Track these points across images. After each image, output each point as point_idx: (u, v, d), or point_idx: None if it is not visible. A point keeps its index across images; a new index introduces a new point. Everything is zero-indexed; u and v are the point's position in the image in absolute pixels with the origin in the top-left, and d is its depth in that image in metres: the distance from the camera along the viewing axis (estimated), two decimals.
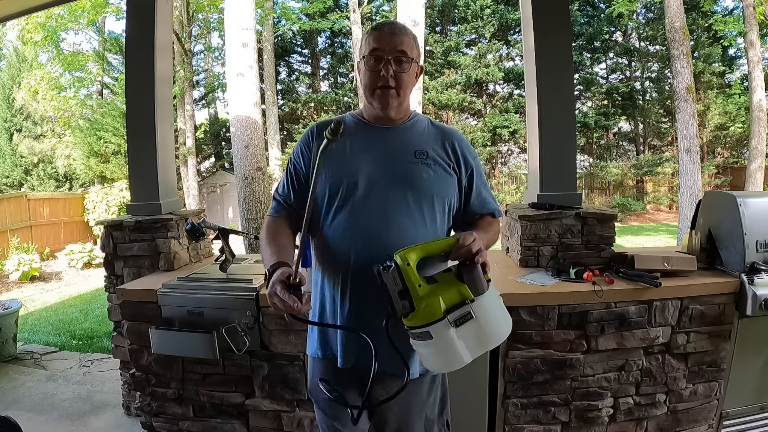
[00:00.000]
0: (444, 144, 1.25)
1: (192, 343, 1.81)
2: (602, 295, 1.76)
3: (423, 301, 0.96)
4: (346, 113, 1.31)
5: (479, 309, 0.99)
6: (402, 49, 1.16)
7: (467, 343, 0.98)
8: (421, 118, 1.29)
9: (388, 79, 1.16)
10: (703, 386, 1.90)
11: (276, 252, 1.13)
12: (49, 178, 12.66)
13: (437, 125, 1.30)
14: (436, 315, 0.96)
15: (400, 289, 0.96)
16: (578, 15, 14.07)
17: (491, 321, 1.02)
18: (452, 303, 0.97)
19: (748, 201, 1.88)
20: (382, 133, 1.22)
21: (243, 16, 5.38)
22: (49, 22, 10.00)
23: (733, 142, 13.46)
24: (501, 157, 15.25)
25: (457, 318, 0.96)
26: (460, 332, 0.97)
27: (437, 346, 0.97)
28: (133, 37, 2.45)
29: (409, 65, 1.18)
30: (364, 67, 1.19)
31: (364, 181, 1.16)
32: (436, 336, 0.96)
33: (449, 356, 0.98)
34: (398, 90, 1.18)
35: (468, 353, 0.99)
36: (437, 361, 1.01)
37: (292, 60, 17.31)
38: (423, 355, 1.02)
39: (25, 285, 7.07)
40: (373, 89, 1.18)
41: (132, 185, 2.51)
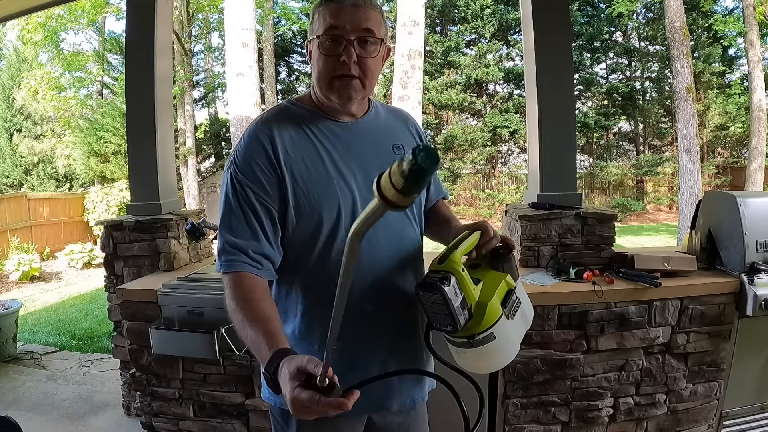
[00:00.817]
0: (408, 129, 1.09)
1: (192, 343, 1.81)
2: (602, 295, 1.76)
3: (481, 305, 0.88)
4: (283, 102, 1.04)
5: (520, 295, 0.97)
6: (368, 26, 0.90)
7: (518, 327, 0.96)
8: (376, 104, 1.07)
9: (351, 66, 0.90)
10: (703, 386, 1.90)
11: (267, 332, 0.78)
12: (49, 178, 12.65)
13: (390, 107, 1.12)
14: (497, 313, 0.89)
15: (461, 300, 0.86)
16: (578, 15, 14.06)
17: (525, 298, 1.01)
18: (503, 296, 0.92)
19: (748, 201, 1.88)
20: (352, 130, 0.99)
21: (243, 16, 5.38)
22: (49, 22, 10.00)
23: (733, 142, 13.45)
24: (501, 157, 15.24)
25: (510, 308, 0.91)
26: (512, 322, 0.92)
27: (498, 344, 0.90)
28: (133, 37, 2.45)
29: (377, 48, 0.92)
30: (318, 51, 0.91)
31: (361, 202, 0.93)
32: (499, 334, 0.89)
33: (508, 349, 0.94)
34: (364, 80, 0.93)
35: (520, 337, 0.97)
36: (496, 360, 0.95)
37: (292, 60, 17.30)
38: (473, 360, 0.92)
39: (25, 285, 7.06)
40: (330, 79, 0.92)
41: (132, 185, 2.51)
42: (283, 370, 0.70)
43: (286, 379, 0.69)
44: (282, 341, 0.78)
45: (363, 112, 1.02)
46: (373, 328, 0.97)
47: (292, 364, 0.69)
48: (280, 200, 0.91)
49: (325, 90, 0.94)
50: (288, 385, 0.68)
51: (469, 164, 14.12)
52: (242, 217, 0.89)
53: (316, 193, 0.91)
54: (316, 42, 0.91)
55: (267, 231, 0.90)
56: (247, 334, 0.81)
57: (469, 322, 0.87)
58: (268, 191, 0.90)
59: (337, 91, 0.93)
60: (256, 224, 0.89)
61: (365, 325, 0.95)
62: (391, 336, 0.99)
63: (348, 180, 0.94)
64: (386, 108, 1.10)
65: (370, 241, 0.91)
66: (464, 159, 13.93)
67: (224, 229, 0.90)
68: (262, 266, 0.90)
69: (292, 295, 0.97)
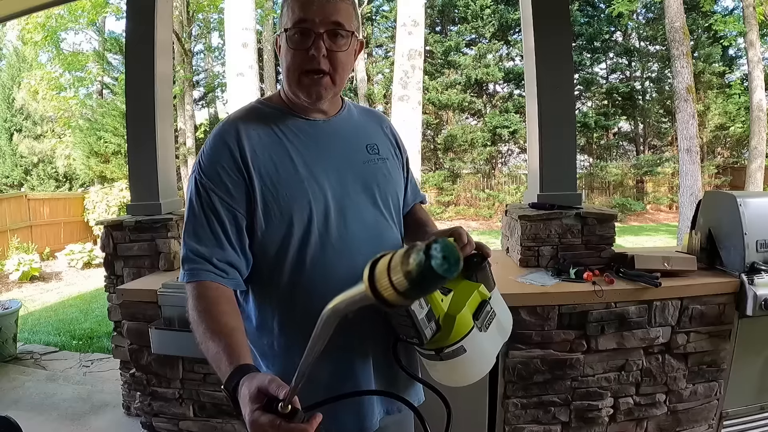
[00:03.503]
0: (380, 126, 1.05)
1: (192, 343, 1.79)
2: (602, 295, 1.76)
3: (451, 315, 0.83)
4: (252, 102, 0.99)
5: (495, 305, 0.92)
6: (337, 19, 0.85)
7: (493, 339, 0.91)
8: (348, 103, 1.03)
9: (320, 61, 0.85)
10: (703, 386, 1.90)
11: (227, 346, 0.75)
12: (49, 178, 12.65)
13: (363, 108, 1.08)
14: (468, 325, 0.83)
15: (427, 312, 0.80)
16: (578, 15, 14.05)
17: (503, 308, 0.96)
18: (475, 307, 0.86)
19: (748, 201, 1.88)
20: (323, 129, 0.94)
21: (243, 16, 5.38)
22: (49, 22, 9.99)
23: (733, 142, 13.45)
24: (501, 157, 15.24)
25: (483, 321, 0.87)
26: (486, 335, 0.88)
27: (470, 357, 0.86)
28: (133, 37, 2.45)
29: (348, 41, 0.88)
30: (286, 45, 0.87)
31: (333, 205, 0.89)
32: (470, 346, 0.84)
33: (482, 362, 0.90)
34: (333, 76, 0.88)
35: (495, 350, 0.93)
36: (469, 373, 0.90)
37: None
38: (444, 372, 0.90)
39: (25, 285, 7.06)
40: (298, 75, 0.87)
41: (132, 185, 2.51)
42: (242, 390, 0.67)
43: (246, 400, 0.65)
44: (244, 356, 0.74)
45: (336, 111, 0.98)
46: (360, 335, 0.91)
47: (252, 383, 0.66)
48: (246, 204, 0.86)
49: (294, 86, 0.89)
50: (248, 406, 0.64)
51: (469, 164, 14.12)
52: (206, 224, 0.85)
53: (285, 194, 0.86)
54: (285, 36, 0.87)
55: (232, 238, 0.86)
56: (208, 347, 0.77)
57: (437, 335, 0.82)
58: (233, 195, 0.85)
59: (306, 89, 0.88)
60: (220, 231, 0.85)
61: (350, 332, 0.87)
62: (379, 342, 0.94)
63: (320, 180, 0.89)
64: (360, 108, 1.06)
65: (348, 244, 0.89)
66: (464, 159, 13.94)
67: (188, 236, 0.86)
68: (227, 275, 0.85)
69: (267, 309, 0.91)
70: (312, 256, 0.87)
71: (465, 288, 0.87)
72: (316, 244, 0.87)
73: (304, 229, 0.87)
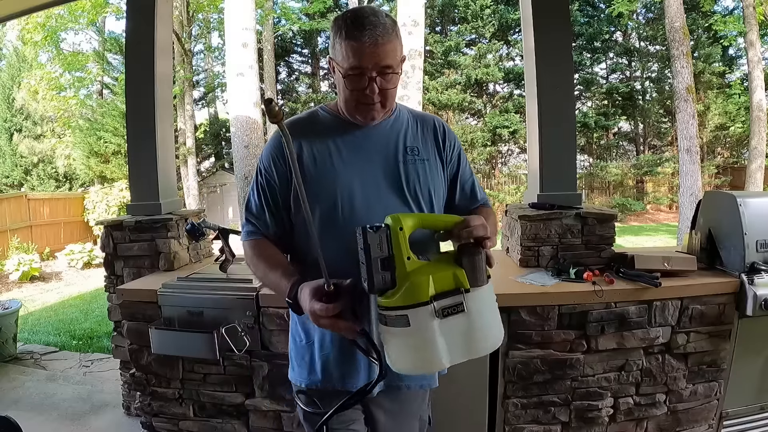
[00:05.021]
0: (427, 131, 1.14)
1: (192, 343, 1.81)
2: (602, 295, 1.76)
3: (409, 277, 0.78)
4: (316, 107, 1.16)
5: (473, 303, 0.82)
6: (387, 63, 0.97)
7: (450, 342, 0.81)
8: (402, 109, 1.16)
9: (374, 98, 1.00)
10: (703, 386, 1.90)
11: (284, 272, 1.00)
12: (49, 178, 12.65)
13: (417, 114, 1.19)
14: (421, 297, 0.78)
15: (384, 257, 0.79)
16: (578, 15, 14.06)
17: (484, 322, 0.85)
18: (443, 288, 0.80)
19: (748, 201, 1.88)
20: (366, 132, 1.08)
21: (243, 16, 5.38)
22: (49, 22, 10.00)
23: (733, 142, 13.46)
24: (501, 157, 15.25)
25: (445, 307, 0.79)
26: (444, 326, 0.79)
27: (413, 338, 0.79)
28: (133, 37, 2.45)
29: (397, 76, 1.02)
30: (344, 85, 1.01)
31: (359, 195, 1.03)
32: (416, 324, 0.78)
33: (425, 354, 0.81)
34: (385, 103, 1.03)
35: (448, 355, 0.81)
36: (408, 358, 0.83)
37: (292, 60, 17.31)
38: (391, 348, 0.84)
39: (25, 285, 7.07)
40: (355, 104, 1.03)
41: (132, 185, 2.51)
42: (301, 294, 0.92)
43: (304, 298, 0.90)
44: (295, 275, 0.98)
45: (383, 118, 1.10)
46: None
47: (305, 287, 0.91)
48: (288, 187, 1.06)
49: (352, 111, 1.05)
50: (305, 302, 0.89)
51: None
52: (258, 197, 1.09)
53: (317, 179, 1.03)
54: (340, 73, 1.00)
55: (273, 209, 1.08)
56: (269, 278, 1.03)
57: (389, 292, 0.80)
58: (279, 179, 1.06)
59: (361, 114, 1.05)
60: (265, 204, 1.08)
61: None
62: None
63: (350, 174, 1.04)
64: (414, 114, 1.17)
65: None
66: None
67: (245, 206, 1.12)
68: (270, 233, 1.09)
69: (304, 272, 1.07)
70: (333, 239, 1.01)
71: (444, 265, 0.83)
72: (337, 228, 1.03)
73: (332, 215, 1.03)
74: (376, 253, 0.79)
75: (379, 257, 0.79)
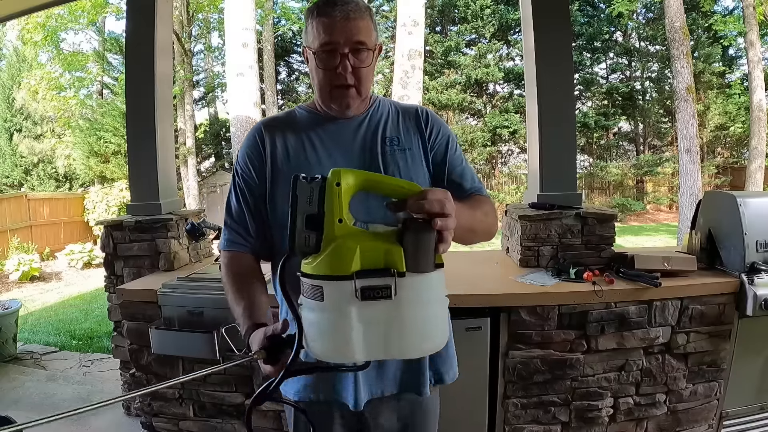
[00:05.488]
0: (409, 119, 1.08)
1: (192, 343, 1.82)
2: (602, 295, 1.76)
3: (334, 242, 0.67)
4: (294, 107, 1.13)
5: (406, 291, 0.66)
6: (359, 39, 0.94)
7: (369, 332, 0.67)
8: (383, 101, 1.11)
9: (347, 77, 0.96)
10: (703, 386, 1.90)
11: (245, 309, 0.93)
12: (49, 178, 12.65)
13: (400, 104, 1.13)
14: (341, 268, 0.65)
15: (311, 213, 0.68)
16: (578, 15, 14.05)
17: (416, 317, 0.68)
18: (372, 264, 0.66)
19: (748, 201, 1.88)
20: (344, 125, 1.04)
21: (243, 16, 5.39)
22: (49, 22, 10.00)
23: (733, 142, 13.45)
24: (501, 157, 15.24)
25: (368, 287, 0.65)
26: (363, 311, 0.66)
27: (326, 316, 0.67)
28: (133, 37, 2.45)
29: (370, 55, 0.97)
30: (315, 64, 0.97)
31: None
32: (330, 300, 0.66)
33: (336, 339, 0.68)
34: (359, 88, 0.99)
35: (364, 347, 0.67)
36: (319, 339, 0.70)
37: (292, 60, 17.29)
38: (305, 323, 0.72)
39: (25, 285, 7.06)
40: (329, 89, 0.99)
41: (132, 185, 2.51)
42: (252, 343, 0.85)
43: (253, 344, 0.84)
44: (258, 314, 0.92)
45: (361, 111, 1.06)
46: None
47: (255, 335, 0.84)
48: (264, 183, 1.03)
49: (326, 100, 1.02)
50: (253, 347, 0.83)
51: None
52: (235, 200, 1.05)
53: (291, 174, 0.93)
54: (312, 55, 0.97)
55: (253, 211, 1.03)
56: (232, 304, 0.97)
57: (312, 256, 0.69)
58: (255, 177, 1.03)
59: (336, 101, 1.00)
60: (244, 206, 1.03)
61: None
62: None
63: (325, 166, 0.99)
64: (396, 105, 1.12)
65: None
66: None
67: (225, 211, 1.07)
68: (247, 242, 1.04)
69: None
70: None
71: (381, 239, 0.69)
72: None
73: None
74: (304, 207, 0.69)
75: (306, 213, 0.68)
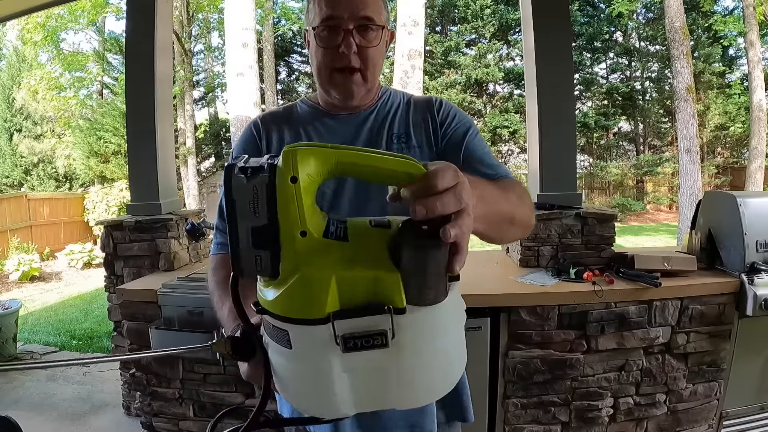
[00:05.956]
0: (420, 111, 0.94)
1: (192, 343, 1.81)
2: (602, 295, 1.76)
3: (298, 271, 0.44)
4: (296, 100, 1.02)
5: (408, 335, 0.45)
6: (366, 14, 0.82)
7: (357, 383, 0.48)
8: (395, 93, 0.99)
9: (350, 58, 0.83)
10: (703, 386, 1.90)
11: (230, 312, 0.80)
12: (49, 178, 12.65)
13: (414, 97, 0.99)
14: (310, 310, 0.44)
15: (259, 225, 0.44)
16: (578, 15, 14.05)
17: (423, 364, 0.48)
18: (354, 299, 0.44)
19: (748, 201, 1.88)
20: (346, 120, 0.93)
21: (243, 16, 5.38)
22: (49, 22, 10.00)
23: (733, 142, 13.46)
24: (501, 157, 15.23)
25: (352, 336, 0.44)
26: (348, 360, 0.46)
27: (296, 366, 0.50)
28: (133, 37, 2.45)
29: (378, 34, 0.85)
30: (315, 42, 0.85)
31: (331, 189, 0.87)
32: (299, 349, 0.47)
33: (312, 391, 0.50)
34: (365, 72, 0.86)
35: (350, 401, 0.49)
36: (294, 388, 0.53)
37: (292, 60, 17.30)
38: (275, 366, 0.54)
39: (25, 285, 7.06)
40: (330, 72, 0.86)
41: (132, 185, 2.51)
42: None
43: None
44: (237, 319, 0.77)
45: (367, 104, 0.94)
46: None
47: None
48: None
49: (326, 84, 0.89)
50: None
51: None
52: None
53: None
54: (313, 33, 0.85)
55: None
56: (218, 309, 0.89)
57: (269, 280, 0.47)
58: None
59: (337, 87, 0.87)
60: None
61: None
62: None
63: None
64: (408, 97, 0.99)
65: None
66: None
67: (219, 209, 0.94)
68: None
69: None
70: None
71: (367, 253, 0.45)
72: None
73: None
74: (247, 216, 0.44)
75: (250, 225, 0.44)
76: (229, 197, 0.45)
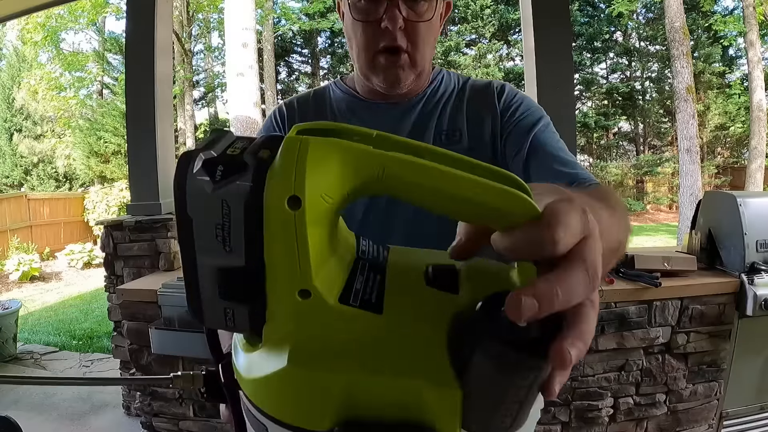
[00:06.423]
0: (479, 101, 0.75)
1: (192, 343, 1.81)
2: (602, 295, 1.76)
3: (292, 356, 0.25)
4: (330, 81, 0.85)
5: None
6: None
7: None
8: (450, 77, 0.80)
9: (396, 35, 0.66)
10: (703, 386, 1.90)
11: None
12: (49, 178, 12.66)
13: (472, 82, 0.79)
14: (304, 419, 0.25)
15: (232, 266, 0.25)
16: (578, 15, 14.06)
17: None
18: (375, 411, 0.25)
19: (748, 201, 1.88)
20: (386, 112, 0.76)
21: (243, 16, 5.38)
22: (49, 22, 10.02)
23: (733, 142, 13.46)
24: None
25: None
26: None
27: None
28: (133, 37, 2.45)
29: (432, 5, 0.67)
30: (351, 16, 0.68)
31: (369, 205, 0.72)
32: None
33: None
34: (413, 53, 0.68)
35: None
36: None
37: (292, 60, 17.30)
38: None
39: (25, 285, 7.06)
40: (372, 54, 0.68)
41: (132, 185, 2.51)
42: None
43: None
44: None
45: (416, 92, 0.76)
46: None
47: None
48: None
49: (365, 68, 0.71)
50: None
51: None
52: None
53: None
54: (348, 8, 0.68)
55: None
56: None
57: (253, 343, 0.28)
58: None
59: (379, 72, 0.69)
60: None
61: None
62: None
63: None
64: (463, 83, 0.79)
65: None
66: None
67: None
68: None
69: None
70: None
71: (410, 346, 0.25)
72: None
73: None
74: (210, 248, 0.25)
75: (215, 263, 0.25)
76: (182, 213, 0.26)
